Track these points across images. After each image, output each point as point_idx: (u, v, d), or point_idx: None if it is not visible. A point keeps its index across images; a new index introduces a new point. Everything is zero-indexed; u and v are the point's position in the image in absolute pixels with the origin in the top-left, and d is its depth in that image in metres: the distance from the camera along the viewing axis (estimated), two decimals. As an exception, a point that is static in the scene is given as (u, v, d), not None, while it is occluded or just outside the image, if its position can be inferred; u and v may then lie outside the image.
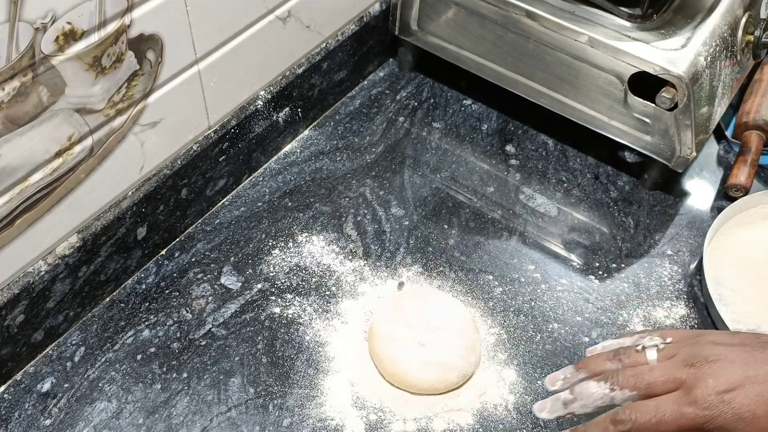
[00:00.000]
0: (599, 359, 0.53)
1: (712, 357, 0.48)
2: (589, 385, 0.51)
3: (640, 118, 0.81)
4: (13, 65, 0.56)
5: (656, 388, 0.48)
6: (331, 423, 0.67)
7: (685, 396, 0.47)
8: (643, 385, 0.49)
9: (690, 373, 0.47)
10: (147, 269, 0.78)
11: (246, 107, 0.82)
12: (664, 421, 0.47)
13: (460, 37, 0.90)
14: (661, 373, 0.48)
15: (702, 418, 0.46)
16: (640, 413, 0.48)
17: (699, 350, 0.49)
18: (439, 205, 0.85)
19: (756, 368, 0.46)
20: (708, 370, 0.47)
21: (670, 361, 0.49)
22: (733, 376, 0.46)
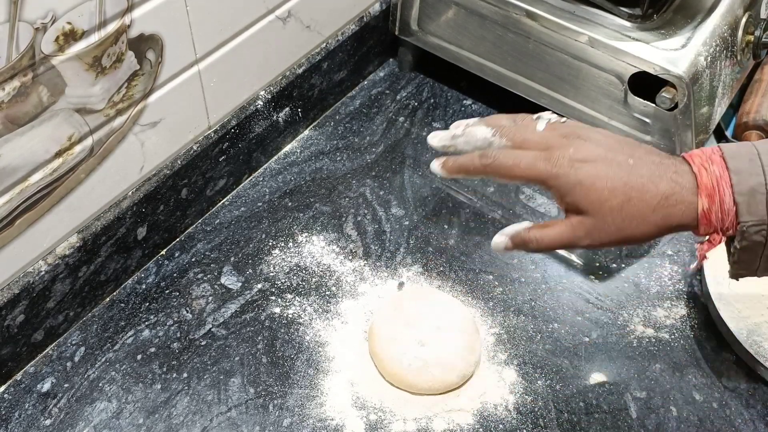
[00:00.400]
0: (501, 118, 0.58)
1: (584, 136, 0.54)
2: (479, 128, 0.58)
3: (641, 118, 0.81)
4: (14, 65, 0.56)
5: (528, 144, 0.55)
6: (331, 423, 0.67)
7: (545, 153, 0.54)
8: (519, 140, 0.56)
9: (559, 142, 0.54)
10: (147, 269, 0.78)
11: (246, 107, 0.82)
12: (518, 166, 0.54)
13: (460, 37, 0.90)
14: (538, 137, 0.55)
15: (548, 173, 0.53)
16: (503, 155, 0.55)
17: (578, 130, 0.55)
18: (439, 205, 0.85)
19: (616, 154, 0.53)
20: (575, 143, 0.54)
21: (551, 132, 0.55)
22: (591, 152, 0.53)
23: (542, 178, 0.54)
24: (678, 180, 0.53)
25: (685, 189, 0.52)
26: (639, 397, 0.70)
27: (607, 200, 0.52)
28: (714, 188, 0.52)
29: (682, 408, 0.69)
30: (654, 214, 0.52)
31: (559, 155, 0.54)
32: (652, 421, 0.69)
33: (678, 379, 0.71)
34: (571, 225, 0.54)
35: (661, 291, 0.78)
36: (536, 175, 0.54)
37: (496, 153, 0.55)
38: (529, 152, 0.55)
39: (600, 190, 0.52)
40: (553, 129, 0.56)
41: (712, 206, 0.52)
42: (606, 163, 0.53)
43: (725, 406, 0.70)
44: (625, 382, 0.71)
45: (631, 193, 0.52)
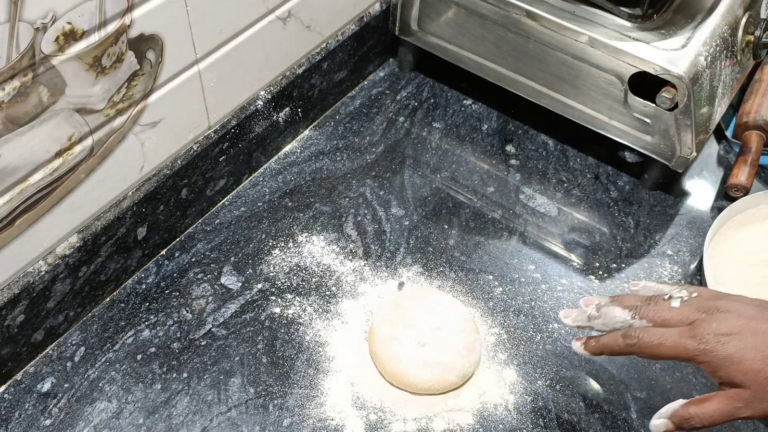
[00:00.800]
0: (632, 298, 0.60)
1: (723, 308, 0.54)
2: (615, 310, 0.59)
3: (641, 118, 0.81)
4: (14, 65, 0.56)
5: (669, 323, 0.56)
6: (331, 423, 0.67)
7: (689, 331, 0.54)
8: (659, 319, 0.56)
9: (700, 317, 0.54)
10: (147, 269, 0.78)
11: (246, 107, 0.82)
12: (664, 345, 0.54)
13: (461, 37, 0.90)
14: (677, 314, 0.56)
15: (696, 350, 0.53)
16: (647, 334, 0.55)
17: (715, 303, 0.55)
18: (439, 205, 0.85)
19: (758, 323, 0.52)
20: (716, 317, 0.54)
21: (688, 307, 0.56)
22: (735, 325, 0.53)
23: (690, 356, 0.54)
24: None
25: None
26: (639, 397, 0.70)
27: (761, 370, 0.51)
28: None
29: (682, 408, 0.69)
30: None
31: (703, 331, 0.53)
32: (652, 421, 0.69)
33: (678, 379, 0.71)
34: (729, 398, 0.53)
35: (661, 291, 0.78)
36: (683, 353, 0.54)
37: (640, 333, 0.56)
38: (673, 330, 0.55)
39: (751, 360, 0.52)
40: (690, 304, 0.56)
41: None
42: (752, 333, 0.52)
43: (725, 406, 0.70)
44: (625, 382, 0.71)
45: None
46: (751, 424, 0.69)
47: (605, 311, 0.60)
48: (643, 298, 0.59)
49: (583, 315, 0.61)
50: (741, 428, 0.68)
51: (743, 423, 0.69)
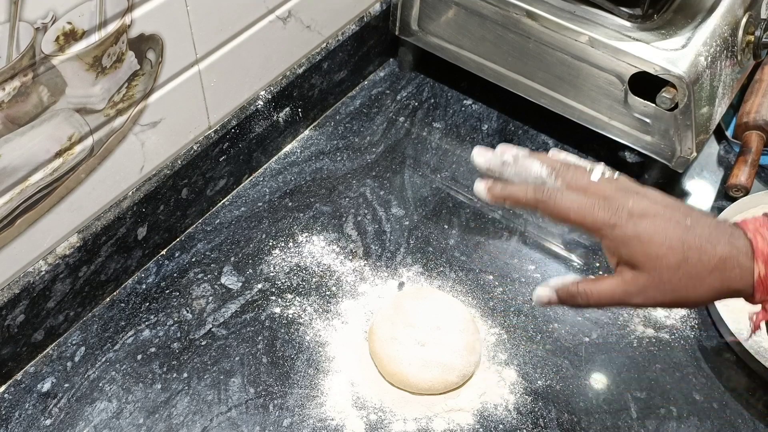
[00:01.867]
0: (553, 159, 0.56)
1: (641, 192, 0.53)
2: (533, 163, 0.55)
3: (641, 118, 0.81)
4: (14, 65, 0.56)
5: (585, 191, 0.53)
6: (331, 423, 0.67)
7: (604, 203, 0.52)
8: (575, 185, 0.54)
9: (617, 194, 0.53)
10: (147, 269, 0.78)
11: (246, 107, 0.82)
12: (575, 211, 0.52)
13: (461, 37, 0.90)
14: (595, 185, 0.53)
15: (606, 223, 0.52)
16: (561, 195, 0.53)
17: (635, 186, 0.54)
18: (439, 205, 0.85)
19: (674, 212, 0.52)
20: (633, 197, 0.53)
21: (608, 183, 0.54)
22: (651, 208, 0.52)
23: (598, 226, 0.53)
24: (735, 243, 0.51)
25: (742, 253, 0.51)
26: (639, 397, 0.70)
27: (665, 257, 0.51)
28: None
29: (682, 408, 0.69)
30: (711, 277, 0.51)
31: (618, 206, 0.52)
32: (652, 421, 0.69)
33: (678, 379, 0.71)
34: (623, 280, 0.52)
35: (661, 291, 0.78)
36: (592, 222, 0.53)
37: (553, 192, 0.54)
38: (587, 198, 0.53)
39: (658, 245, 0.51)
40: (610, 182, 0.55)
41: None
42: (664, 219, 0.52)
43: (725, 406, 0.70)
44: (625, 382, 0.71)
45: (689, 252, 0.51)
46: (750, 423, 0.69)
47: (522, 162, 0.56)
48: (565, 161, 0.56)
49: (498, 159, 0.57)
50: (741, 429, 0.68)
51: (743, 423, 0.69)
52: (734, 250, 0.51)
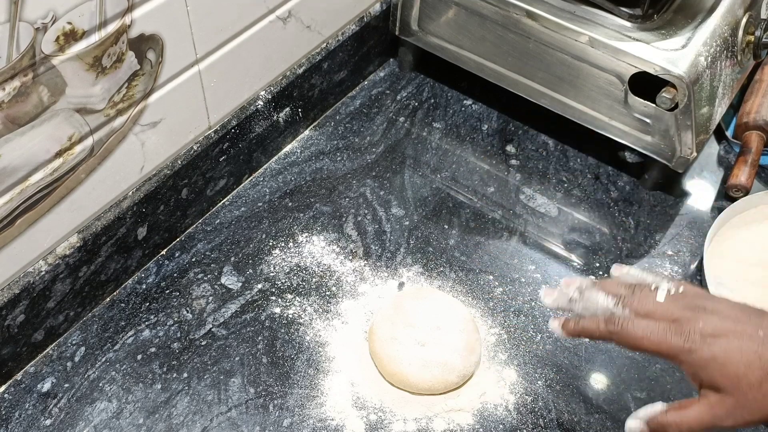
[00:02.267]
0: (616, 284, 0.57)
1: (710, 309, 0.52)
2: (598, 295, 0.56)
3: (641, 118, 0.81)
4: (14, 65, 0.56)
5: (653, 316, 0.53)
6: (331, 423, 0.67)
7: (675, 327, 0.52)
8: (643, 311, 0.53)
9: (686, 315, 0.52)
10: (147, 269, 0.78)
11: (246, 107, 0.82)
12: (648, 339, 0.52)
13: (461, 38, 0.90)
14: (662, 308, 0.53)
15: (680, 348, 0.51)
16: (632, 325, 0.53)
17: (702, 302, 0.53)
18: (439, 206, 0.85)
19: (745, 326, 0.51)
20: (702, 316, 0.52)
21: (674, 303, 0.53)
22: (722, 326, 0.51)
23: (674, 353, 0.52)
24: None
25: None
26: (639, 397, 0.70)
27: (745, 376, 0.50)
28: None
29: (682, 408, 0.69)
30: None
31: (690, 329, 0.51)
32: (652, 422, 0.69)
33: (678, 379, 0.71)
34: (710, 405, 0.51)
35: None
36: (667, 349, 0.52)
37: (625, 322, 0.54)
38: (658, 324, 0.53)
39: (736, 365, 0.50)
40: (675, 300, 0.54)
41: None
42: (737, 336, 0.51)
43: (725, 406, 0.70)
44: (625, 382, 0.71)
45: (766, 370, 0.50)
46: (751, 424, 0.69)
47: (587, 295, 0.57)
48: (627, 285, 0.57)
49: (565, 297, 0.58)
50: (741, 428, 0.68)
51: (743, 423, 0.69)
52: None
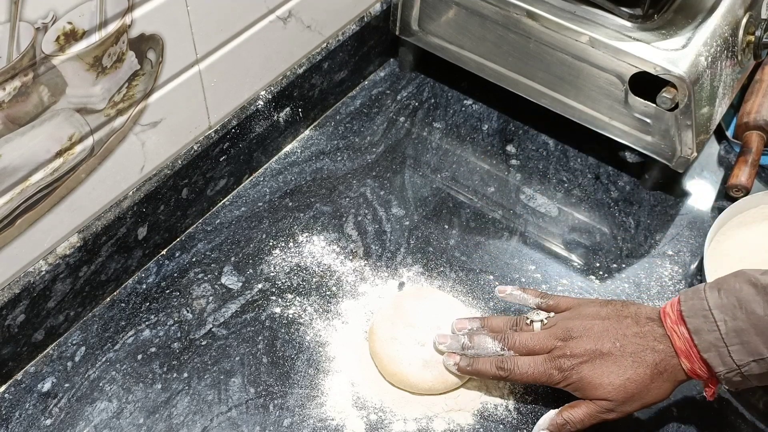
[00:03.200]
0: (500, 322, 0.69)
1: (576, 334, 0.64)
2: (486, 340, 0.67)
3: (641, 118, 0.81)
4: (14, 65, 0.56)
5: (533, 352, 0.65)
6: (331, 423, 0.67)
7: (551, 361, 0.64)
8: (524, 350, 0.66)
9: (558, 345, 0.64)
10: (147, 269, 0.78)
11: (247, 107, 0.82)
12: (532, 376, 0.64)
13: (461, 38, 0.90)
14: (538, 342, 0.65)
15: (559, 379, 0.64)
16: (518, 367, 0.65)
17: (570, 324, 0.65)
18: (439, 205, 0.85)
19: (603, 342, 0.62)
20: (570, 344, 0.63)
21: (548, 332, 0.65)
22: (586, 352, 0.62)
23: (554, 383, 0.64)
24: (658, 348, 0.61)
25: (667, 354, 0.61)
26: (639, 397, 0.70)
27: (614, 391, 0.61)
28: (687, 350, 0.60)
29: (682, 408, 0.69)
30: (657, 382, 0.61)
31: (561, 363, 0.63)
32: (652, 422, 0.69)
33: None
34: (595, 404, 0.62)
35: (661, 291, 0.78)
36: (548, 381, 0.64)
37: (511, 365, 0.65)
38: (539, 359, 0.65)
39: (604, 386, 0.61)
40: (549, 328, 0.66)
41: (693, 365, 0.60)
42: (600, 357, 0.62)
43: (725, 406, 0.70)
44: (626, 382, 0.71)
45: (626, 376, 0.61)
46: (751, 423, 0.69)
47: (477, 341, 0.67)
48: (509, 321, 0.68)
49: (457, 343, 0.68)
50: (741, 429, 0.68)
51: (743, 423, 0.69)
52: (660, 354, 0.61)
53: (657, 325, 0.62)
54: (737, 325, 0.57)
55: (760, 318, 0.57)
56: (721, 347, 0.58)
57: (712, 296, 0.59)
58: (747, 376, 0.58)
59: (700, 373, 0.60)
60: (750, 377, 0.58)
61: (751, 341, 0.57)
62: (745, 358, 0.57)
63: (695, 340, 0.59)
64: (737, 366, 0.58)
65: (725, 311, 0.58)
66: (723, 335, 0.58)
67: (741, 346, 0.57)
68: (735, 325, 0.58)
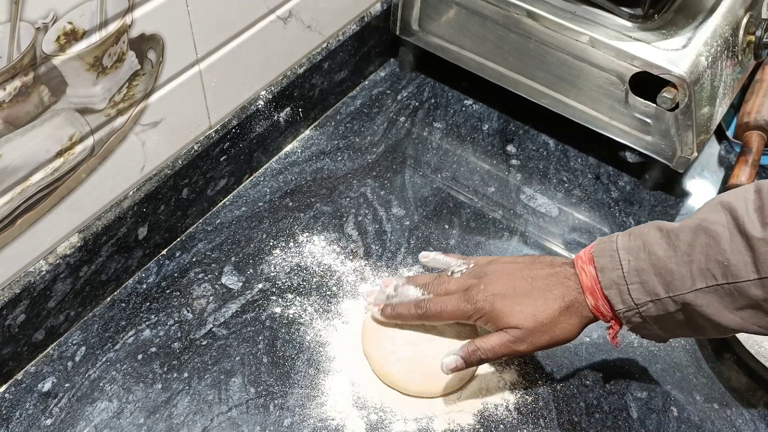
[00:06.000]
0: (425, 277, 0.71)
1: (491, 273, 0.66)
2: (410, 288, 0.69)
3: (641, 118, 0.81)
4: (15, 65, 0.56)
5: (450, 292, 0.67)
6: (331, 423, 0.67)
7: (465, 295, 0.65)
8: (442, 291, 0.67)
9: (473, 282, 0.66)
10: (148, 269, 0.78)
11: (247, 107, 0.82)
12: (446, 311, 0.66)
13: (461, 37, 0.90)
14: (455, 283, 0.67)
15: (471, 310, 0.65)
16: (433, 303, 0.67)
17: (486, 268, 0.67)
18: (440, 205, 0.85)
19: (515, 279, 0.64)
20: (485, 280, 0.65)
21: (465, 276, 0.67)
22: (498, 286, 0.64)
23: (467, 315, 0.65)
24: (567, 284, 0.63)
25: (575, 291, 0.62)
26: (639, 397, 0.70)
27: (524, 320, 0.62)
28: (592, 287, 0.61)
29: (682, 408, 0.69)
30: (565, 317, 0.62)
31: (474, 294, 0.65)
32: (652, 422, 0.69)
33: (678, 379, 0.71)
34: (507, 333, 0.63)
35: (661, 291, 0.78)
36: (461, 314, 0.65)
37: (427, 303, 0.67)
38: (453, 297, 0.66)
39: (515, 315, 0.63)
40: (467, 274, 0.67)
41: (597, 301, 0.61)
42: (513, 291, 0.64)
43: (726, 406, 0.70)
44: (626, 382, 0.71)
45: (537, 309, 0.62)
46: (751, 423, 0.69)
47: (401, 290, 0.69)
48: (434, 275, 0.70)
49: (383, 294, 0.70)
50: (741, 429, 0.68)
51: (743, 423, 0.69)
52: (568, 289, 0.63)
53: (569, 267, 0.64)
54: (638, 265, 0.59)
55: (659, 258, 0.58)
56: (621, 285, 0.60)
57: (623, 240, 0.61)
58: (645, 317, 0.60)
59: (603, 311, 0.62)
60: (648, 318, 0.60)
61: (650, 281, 0.58)
62: (643, 297, 0.59)
63: (599, 277, 0.61)
64: (635, 305, 0.59)
65: (630, 252, 0.60)
66: (625, 274, 0.59)
67: (640, 285, 0.59)
68: (637, 264, 0.59)
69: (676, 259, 0.57)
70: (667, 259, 0.58)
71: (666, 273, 0.58)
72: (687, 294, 0.57)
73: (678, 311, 0.58)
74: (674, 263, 0.57)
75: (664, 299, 0.58)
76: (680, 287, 0.57)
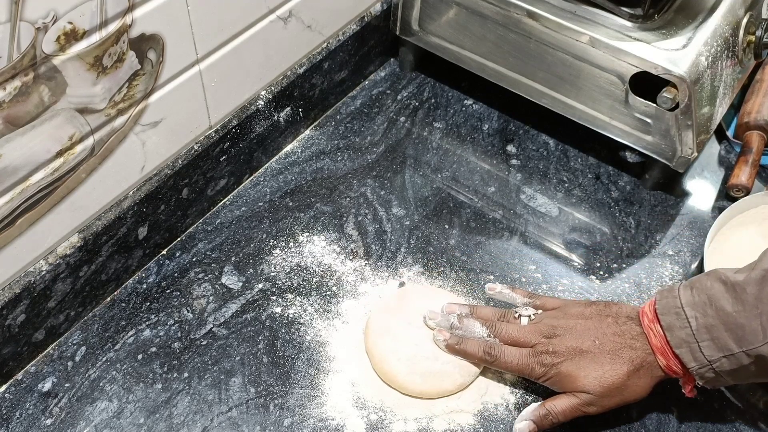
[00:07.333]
0: (488, 311, 0.71)
1: (560, 333, 0.66)
2: (475, 324, 0.69)
3: (641, 118, 0.81)
4: (15, 65, 0.56)
5: (518, 343, 0.67)
6: (331, 423, 0.67)
7: (534, 355, 0.66)
8: (509, 340, 0.68)
9: (542, 341, 0.66)
10: (148, 269, 0.78)
11: (247, 107, 0.82)
12: (513, 365, 0.66)
13: (461, 37, 0.90)
14: (523, 335, 0.67)
15: (540, 374, 0.65)
16: (504, 354, 0.67)
17: (555, 323, 0.67)
18: (440, 205, 0.85)
19: (583, 340, 0.64)
20: (554, 342, 0.65)
21: (533, 327, 0.67)
22: (567, 350, 0.64)
23: (535, 376, 0.66)
24: (636, 345, 0.63)
25: (644, 352, 0.63)
26: (640, 397, 0.70)
27: (591, 384, 0.63)
28: (662, 347, 0.62)
29: (682, 408, 0.69)
30: (632, 379, 0.63)
31: (543, 358, 0.65)
32: (652, 422, 0.69)
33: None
34: (576, 396, 0.64)
35: (661, 291, 0.78)
36: (530, 373, 0.66)
37: (498, 352, 0.67)
38: (523, 351, 0.66)
39: (582, 379, 0.63)
40: (534, 324, 0.68)
41: (669, 361, 0.62)
42: (580, 354, 0.64)
43: (725, 406, 0.70)
44: (626, 382, 0.71)
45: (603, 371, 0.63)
46: (751, 424, 0.69)
47: (466, 323, 0.69)
48: (498, 313, 0.70)
49: (447, 322, 0.70)
50: (741, 429, 0.68)
51: (743, 423, 0.69)
52: (637, 352, 0.63)
53: (635, 324, 0.64)
54: (707, 322, 0.59)
55: (728, 314, 0.58)
56: (692, 343, 0.60)
57: (685, 294, 0.61)
58: (719, 372, 0.60)
59: (675, 369, 0.62)
60: (722, 373, 0.60)
61: (721, 337, 0.59)
62: (716, 353, 0.59)
63: (668, 336, 0.61)
64: (708, 361, 0.60)
65: (696, 308, 0.60)
66: (694, 331, 0.60)
67: (711, 342, 0.59)
68: (705, 321, 0.59)
69: (746, 314, 0.58)
70: (736, 314, 0.58)
71: (737, 328, 0.58)
72: (761, 347, 0.57)
73: (751, 363, 0.59)
74: (744, 318, 0.58)
75: (738, 354, 0.59)
76: (753, 341, 0.58)
